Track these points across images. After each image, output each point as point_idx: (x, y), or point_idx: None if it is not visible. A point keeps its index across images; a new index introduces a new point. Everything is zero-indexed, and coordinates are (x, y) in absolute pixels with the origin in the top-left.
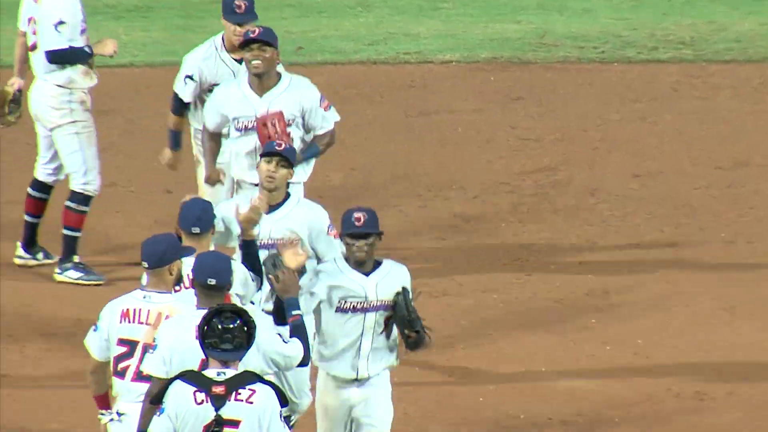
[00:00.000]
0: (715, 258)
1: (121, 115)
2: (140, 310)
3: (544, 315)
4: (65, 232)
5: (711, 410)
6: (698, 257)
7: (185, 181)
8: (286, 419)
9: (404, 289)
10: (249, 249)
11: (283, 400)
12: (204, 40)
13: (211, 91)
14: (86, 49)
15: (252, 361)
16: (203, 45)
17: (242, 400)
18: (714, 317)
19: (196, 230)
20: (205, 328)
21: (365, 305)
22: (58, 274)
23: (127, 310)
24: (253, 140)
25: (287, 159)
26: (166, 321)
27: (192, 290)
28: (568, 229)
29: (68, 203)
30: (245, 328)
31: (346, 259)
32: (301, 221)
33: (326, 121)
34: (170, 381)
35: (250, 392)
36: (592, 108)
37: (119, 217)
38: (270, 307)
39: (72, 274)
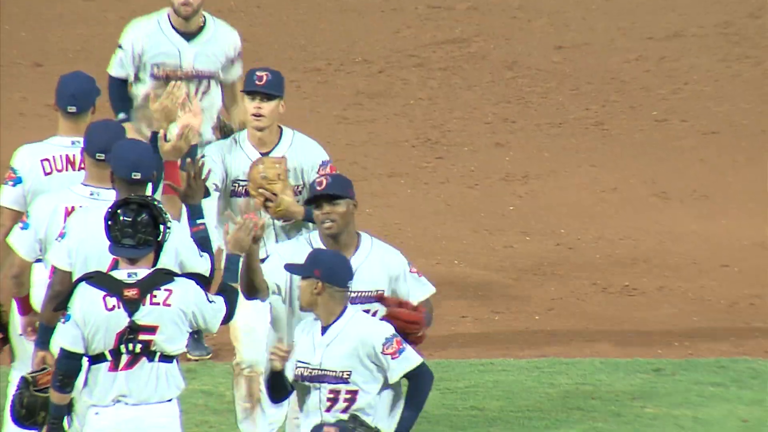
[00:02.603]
0: (646, 138)
1: None
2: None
3: (457, 201)
4: None
5: (642, 305)
6: (628, 137)
7: None
8: None
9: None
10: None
11: (206, 284)
12: None
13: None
14: None
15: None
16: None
17: (158, 303)
18: (644, 204)
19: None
20: (110, 221)
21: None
22: None
23: (73, 208)
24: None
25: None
26: (79, 209)
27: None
28: (483, 106)
29: None
30: (153, 224)
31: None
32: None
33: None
34: (75, 284)
35: (167, 293)
36: None
37: None
38: None
39: None
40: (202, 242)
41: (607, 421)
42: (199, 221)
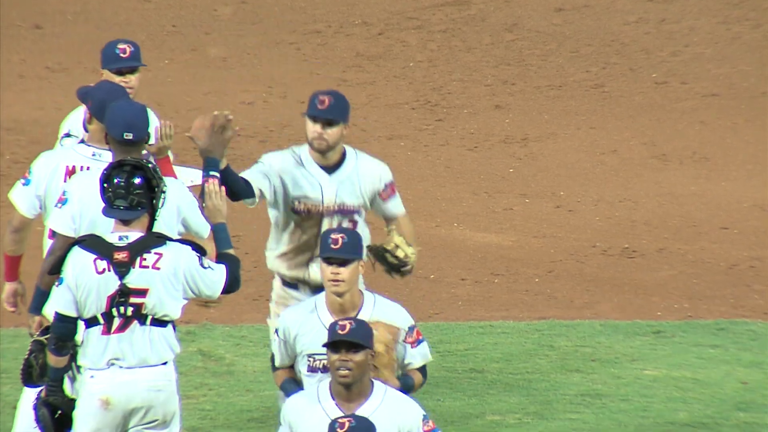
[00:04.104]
0: (646, 100)
1: None
2: (89, 168)
3: (457, 164)
4: None
5: (641, 267)
6: (627, 98)
7: None
8: None
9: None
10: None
11: (201, 251)
12: None
13: None
14: None
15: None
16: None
17: (148, 267)
18: (644, 166)
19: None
20: (105, 183)
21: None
22: None
23: (74, 167)
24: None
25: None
26: (78, 174)
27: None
28: (483, 69)
29: None
30: (148, 187)
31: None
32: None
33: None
34: (69, 248)
35: (157, 257)
36: None
37: None
38: None
39: None
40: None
41: (606, 383)
42: (212, 173)
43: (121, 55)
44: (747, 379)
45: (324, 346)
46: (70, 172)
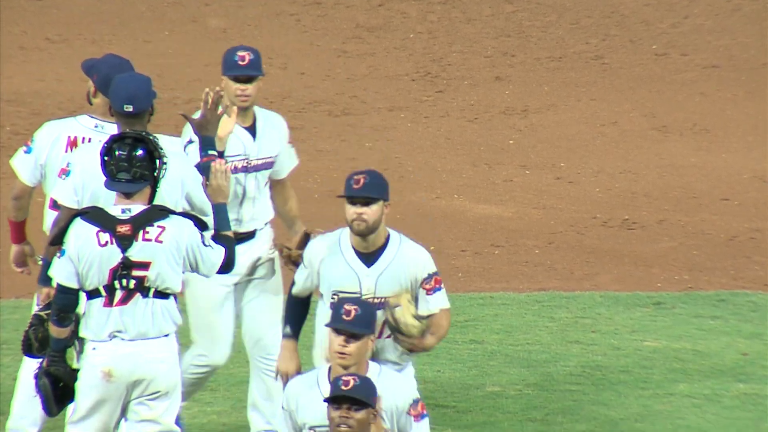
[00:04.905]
0: (646, 72)
1: None
2: (91, 140)
3: (457, 135)
4: None
5: (642, 239)
6: (627, 70)
7: None
8: None
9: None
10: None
11: (202, 226)
12: None
13: None
14: None
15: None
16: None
17: (151, 240)
18: (644, 137)
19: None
20: (106, 156)
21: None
22: None
23: (75, 138)
24: None
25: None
26: (82, 145)
27: None
28: (483, 40)
29: None
30: (150, 159)
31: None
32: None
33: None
34: (71, 219)
35: (160, 230)
36: None
37: None
38: None
39: None
40: (207, 171)
41: (606, 355)
42: (210, 152)
43: (240, 62)
44: (747, 351)
45: (325, 400)
46: (72, 143)
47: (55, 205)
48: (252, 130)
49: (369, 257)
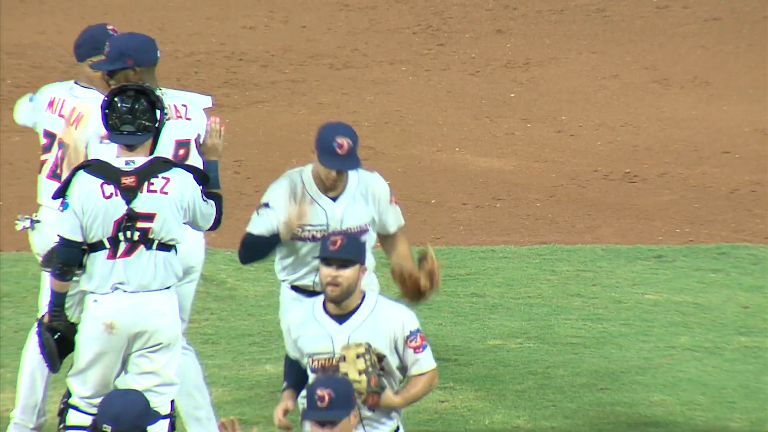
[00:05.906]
0: (647, 24)
1: None
2: (63, 101)
3: (458, 89)
4: None
5: (643, 192)
6: (628, 23)
7: None
8: None
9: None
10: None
11: (202, 179)
12: None
13: None
14: None
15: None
16: None
17: (156, 191)
18: (645, 90)
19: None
20: (107, 110)
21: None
22: None
23: (54, 98)
24: None
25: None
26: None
27: None
28: None
29: None
30: (152, 110)
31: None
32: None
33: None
34: (73, 173)
35: (164, 181)
36: None
37: None
38: None
39: None
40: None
41: (607, 308)
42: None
43: (338, 150)
44: (748, 303)
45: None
46: (51, 103)
47: (53, 174)
48: (337, 197)
49: (342, 317)
